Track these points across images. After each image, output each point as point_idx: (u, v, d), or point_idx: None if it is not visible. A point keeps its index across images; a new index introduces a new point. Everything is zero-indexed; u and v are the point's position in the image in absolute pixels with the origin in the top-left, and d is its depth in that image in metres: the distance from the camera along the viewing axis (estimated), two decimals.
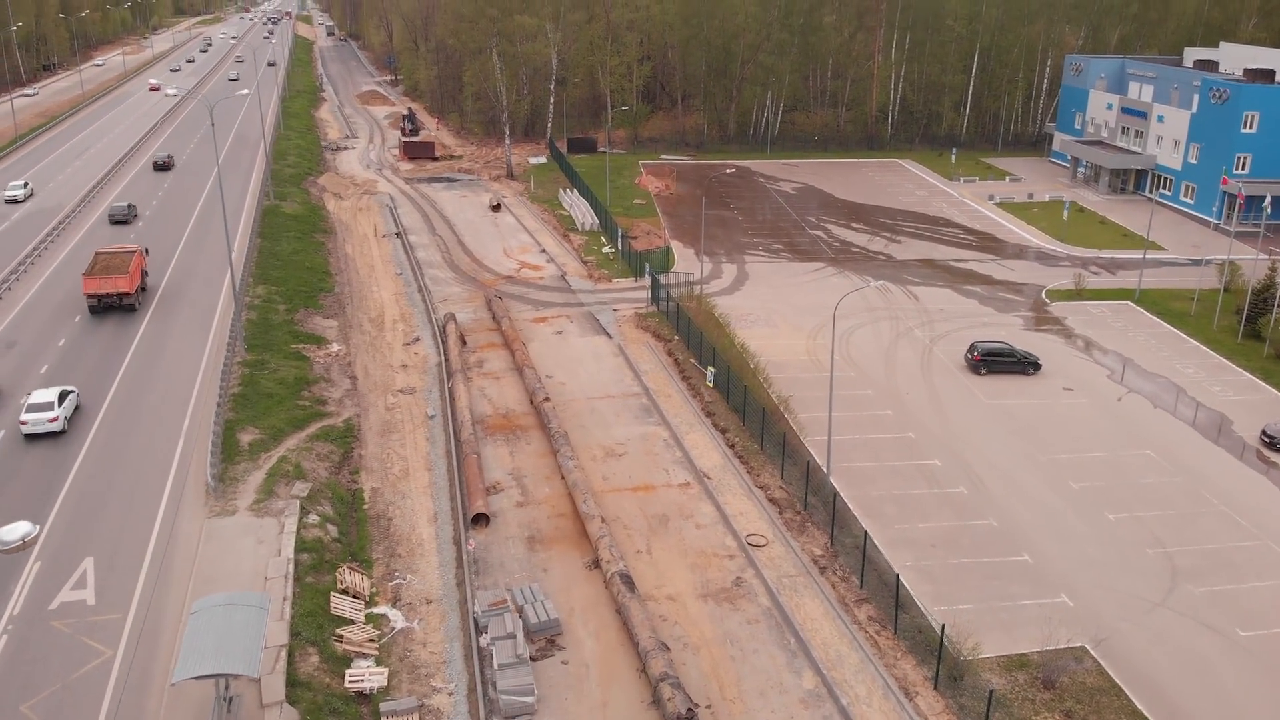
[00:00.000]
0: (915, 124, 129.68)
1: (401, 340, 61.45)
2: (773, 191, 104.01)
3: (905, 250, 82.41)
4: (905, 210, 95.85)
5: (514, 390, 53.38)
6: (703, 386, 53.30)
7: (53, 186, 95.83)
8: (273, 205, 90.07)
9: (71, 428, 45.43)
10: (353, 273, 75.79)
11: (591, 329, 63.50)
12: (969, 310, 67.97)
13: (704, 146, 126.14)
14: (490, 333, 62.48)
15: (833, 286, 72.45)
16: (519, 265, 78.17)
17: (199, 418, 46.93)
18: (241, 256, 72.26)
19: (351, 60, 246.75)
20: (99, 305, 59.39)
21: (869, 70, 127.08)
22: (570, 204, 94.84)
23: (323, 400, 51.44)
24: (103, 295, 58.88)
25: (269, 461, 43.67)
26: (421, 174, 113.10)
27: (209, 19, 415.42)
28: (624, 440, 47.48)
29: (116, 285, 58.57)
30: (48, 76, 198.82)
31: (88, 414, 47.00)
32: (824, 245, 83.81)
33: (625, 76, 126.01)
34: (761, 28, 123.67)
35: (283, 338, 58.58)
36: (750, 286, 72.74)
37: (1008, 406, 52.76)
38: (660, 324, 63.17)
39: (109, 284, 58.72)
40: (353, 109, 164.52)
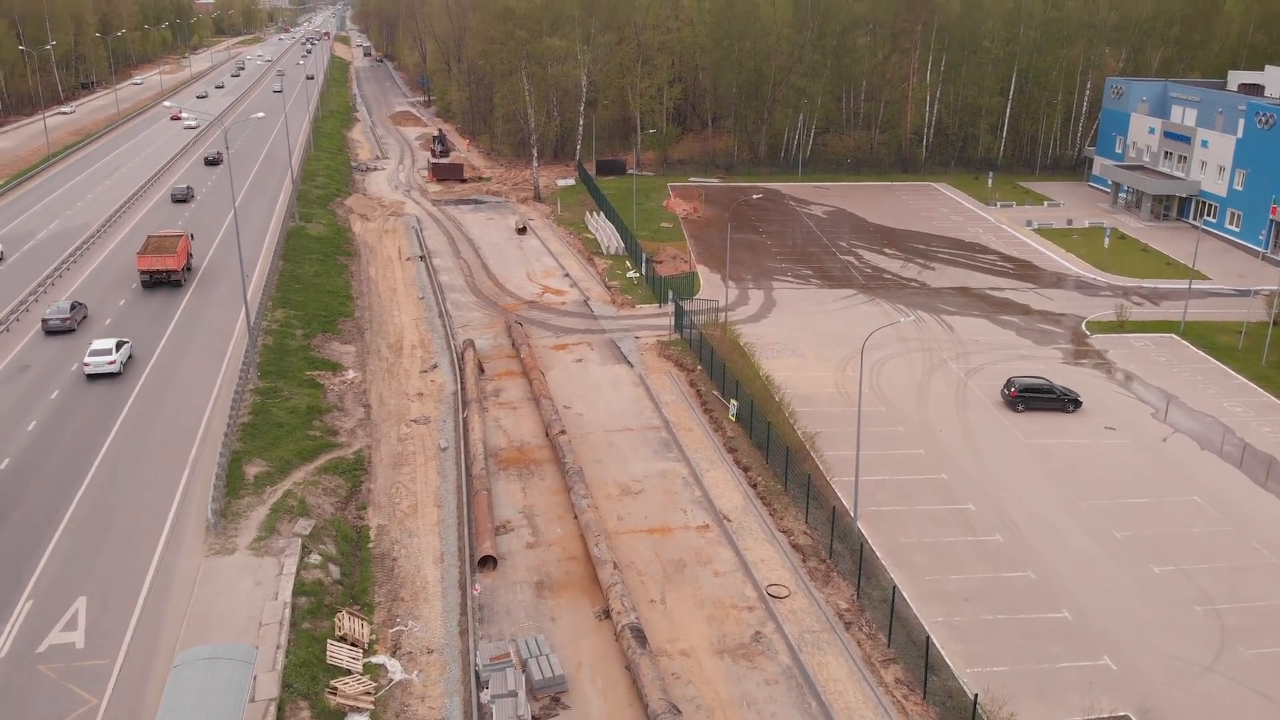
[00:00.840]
0: (950, 147, 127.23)
1: (419, 367, 60.09)
2: (803, 215, 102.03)
3: (939, 277, 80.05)
4: (939, 235, 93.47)
5: (530, 421, 51.72)
6: (725, 420, 51.35)
7: (81, 205, 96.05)
8: (298, 227, 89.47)
9: (126, 372, 54.00)
10: (374, 296, 74.73)
11: (612, 357, 61.79)
12: (1006, 342, 65.49)
13: (734, 169, 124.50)
14: (509, 360, 60.96)
15: (863, 315, 70.29)
16: (541, 290, 76.73)
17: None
18: (261, 281, 71.52)
19: (386, 81, 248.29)
20: (150, 280, 68.64)
21: (903, 92, 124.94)
22: (596, 227, 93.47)
23: (334, 430, 50.08)
24: (154, 271, 68.17)
25: (274, 496, 42.26)
26: (449, 196, 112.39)
27: (249, 39, 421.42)
28: (641, 477, 45.61)
29: (165, 263, 67.15)
30: (86, 94, 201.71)
31: (140, 362, 55.89)
32: (855, 271, 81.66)
33: (655, 98, 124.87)
34: (794, 49, 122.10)
35: (298, 364, 57.41)
36: (778, 314, 70.73)
37: (1046, 446, 50.28)
38: (683, 353, 61.34)
39: (159, 262, 68.09)
40: (385, 129, 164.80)
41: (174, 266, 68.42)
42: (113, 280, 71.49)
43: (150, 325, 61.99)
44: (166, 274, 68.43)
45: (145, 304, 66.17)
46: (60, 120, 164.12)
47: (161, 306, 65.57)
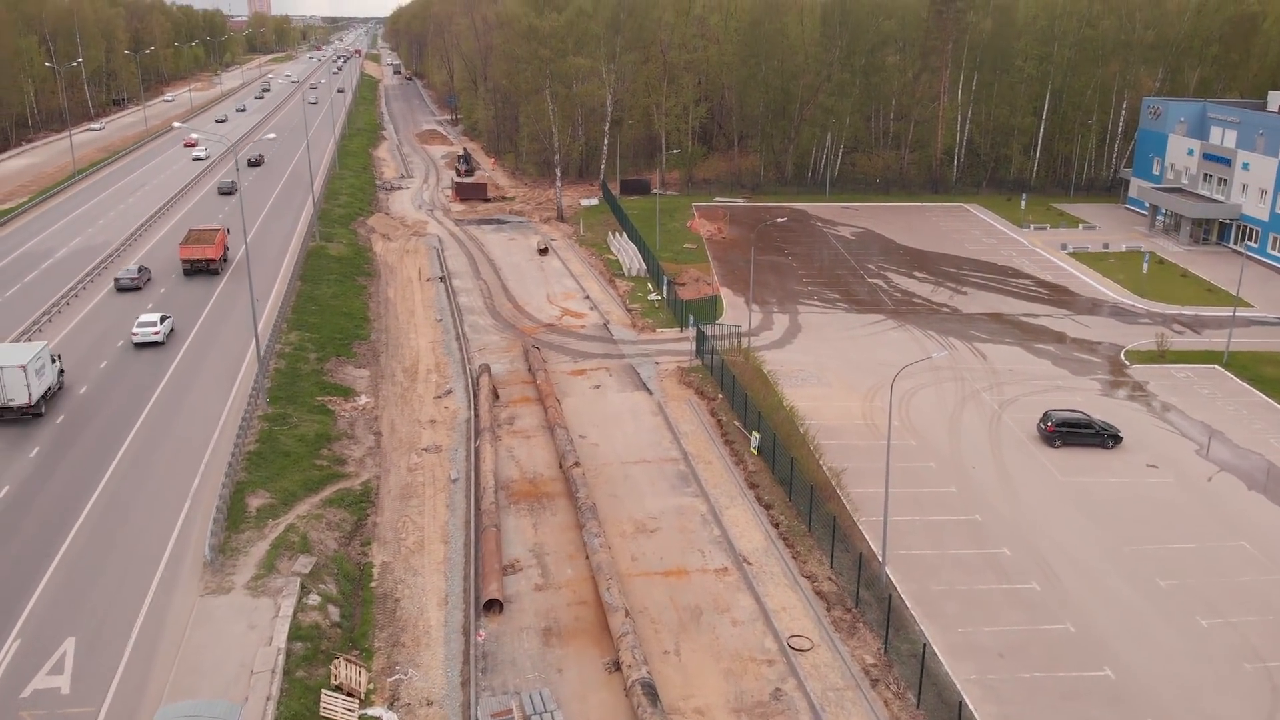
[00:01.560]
0: (982, 167, 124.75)
1: (433, 393, 58.57)
2: (830, 236, 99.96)
3: (971, 303, 77.66)
4: (971, 259, 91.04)
5: (544, 452, 49.96)
6: (747, 453, 49.31)
7: (103, 223, 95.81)
8: (318, 246, 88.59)
9: (169, 343, 61.31)
10: (391, 318, 73.46)
11: (631, 384, 59.98)
12: (1041, 372, 63.02)
13: (760, 188, 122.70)
14: (525, 385, 59.30)
15: (892, 342, 68.06)
16: (561, 312, 75.15)
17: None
18: (278, 302, 70.51)
19: (415, 99, 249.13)
20: (191, 268, 76.45)
21: (934, 111, 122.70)
22: (618, 248, 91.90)
23: (342, 460, 48.56)
24: (194, 260, 76.09)
25: (275, 530, 40.71)
26: (472, 215, 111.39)
27: (281, 56, 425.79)
28: (658, 513, 43.65)
29: (204, 253, 74.04)
30: (117, 111, 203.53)
31: (180, 336, 63.23)
32: (884, 295, 79.44)
33: (681, 117, 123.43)
34: (822, 68, 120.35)
35: (309, 389, 56.04)
36: (803, 340, 68.66)
37: (1085, 486, 47.82)
38: (704, 380, 59.40)
39: (199, 252, 75.99)
40: (411, 148, 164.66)
41: (212, 256, 76.37)
42: (159, 270, 78.32)
43: (191, 305, 69.82)
44: (205, 263, 75.98)
45: (186, 287, 74.30)
46: (90, 137, 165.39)
47: (200, 290, 73.55)
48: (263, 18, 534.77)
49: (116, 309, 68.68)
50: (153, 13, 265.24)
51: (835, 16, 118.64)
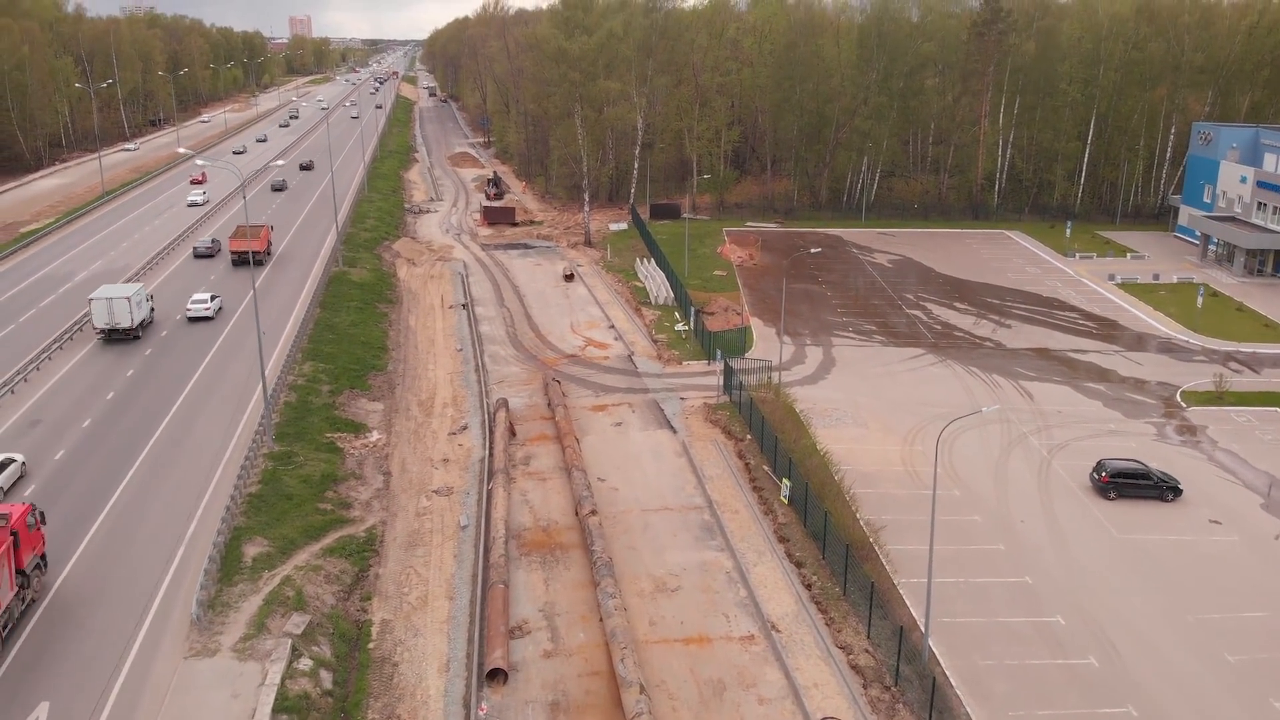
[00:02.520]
0: (1024, 193, 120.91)
1: (448, 428, 55.97)
2: (866, 264, 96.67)
3: (1016, 337, 73.99)
4: (1015, 289, 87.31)
5: (560, 496, 47.10)
6: (776, 501, 46.14)
7: (126, 245, 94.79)
8: (341, 272, 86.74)
9: (218, 318, 70.25)
10: (410, 347, 71.16)
11: (654, 421, 57.03)
12: (1092, 413, 59.28)
13: (793, 213, 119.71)
14: (544, 422, 56.56)
15: (933, 379, 64.62)
16: (584, 343, 72.49)
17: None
18: (295, 331, 68.54)
19: (449, 121, 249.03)
20: (238, 259, 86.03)
21: (974, 135, 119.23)
22: (646, 275, 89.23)
23: (347, 503, 46.02)
24: (241, 252, 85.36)
25: (271, 582, 38.14)
26: (499, 240, 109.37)
27: (318, 78, 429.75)
28: (679, 570, 40.57)
29: (251, 246, 77.73)
30: (152, 131, 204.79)
31: (228, 312, 72.66)
32: (923, 328, 76.00)
33: (713, 141, 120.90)
34: (858, 91, 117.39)
35: (318, 425, 53.68)
36: (837, 375, 65.41)
37: (1143, 544, 44.12)
38: (731, 418, 56.33)
39: (246, 245, 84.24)
40: (442, 171, 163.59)
41: (258, 249, 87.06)
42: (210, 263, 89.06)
43: (237, 289, 78.48)
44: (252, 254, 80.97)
45: (236, 275, 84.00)
46: (123, 157, 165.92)
47: (246, 277, 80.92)
48: (302, 40, 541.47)
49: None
50: (191, 34, 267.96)
51: (872, 39, 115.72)
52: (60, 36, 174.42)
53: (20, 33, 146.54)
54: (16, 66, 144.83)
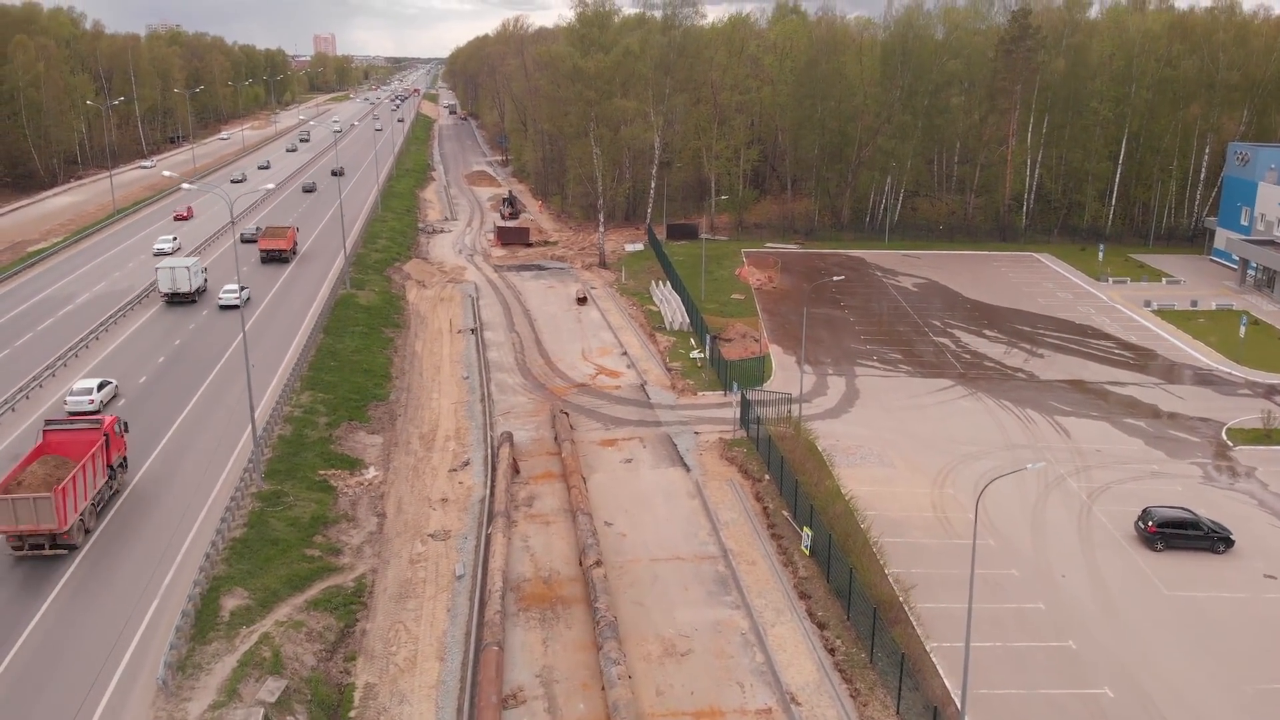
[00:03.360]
0: (1053, 214, 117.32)
1: (449, 465, 53.07)
2: (890, 287, 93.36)
3: (1049, 367, 70.43)
4: (1046, 315, 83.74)
5: (563, 542, 44.03)
6: (797, 551, 42.86)
7: (132, 266, 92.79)
8: (348, 295, 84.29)
9: (247, 307, 75.21)
10: (415, 375, 68.44)
11: (667, 458, 53.89)
12: (1133, 453, 55.67)
13: (814, 234, 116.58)
14: (550, 458, 53.56)
15: (963, 413, 61.18)
16: (595, 371, 69.54)
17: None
18: (295, 357, 66.06)
19: (468, 139, 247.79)
20: (266, 257, 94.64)
21: (1002, 155, 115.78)
22: (661, 298, 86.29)
23: (337, 548, 43.13)
24: (269, 250, 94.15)
25: (248, 640, 35.23)
26: (512, 261, 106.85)
27: (339, 96, 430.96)
28: (690, 630, 37.33)
29: (278, 244, 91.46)
30: (171, 149, 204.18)
31: (256, 302, 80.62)
32: (951, 357, 72.59)
33: (731, 160, 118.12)
34: (882, 109, 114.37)
35: (311, 461, 50.91)
36: (861, 409, 62.09)
37: (1195, 602, 40.55)
38: (749, 456, 53.12)
39: (274, 243, 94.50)
40: (458, 189, 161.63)
41: (284, 247, 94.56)
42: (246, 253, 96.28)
43: (266, 280, 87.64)
44: (279, 252, 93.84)
45: (263, 270, 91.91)
46: (138, 174, 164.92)
47: (272, 272, 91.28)
48: (324, 57, 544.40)
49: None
50: (212, 52, 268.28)
51: (896, 56, 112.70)
52: (77, 53, 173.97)
53: (36, 49, 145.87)
54: (31, 83, 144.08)
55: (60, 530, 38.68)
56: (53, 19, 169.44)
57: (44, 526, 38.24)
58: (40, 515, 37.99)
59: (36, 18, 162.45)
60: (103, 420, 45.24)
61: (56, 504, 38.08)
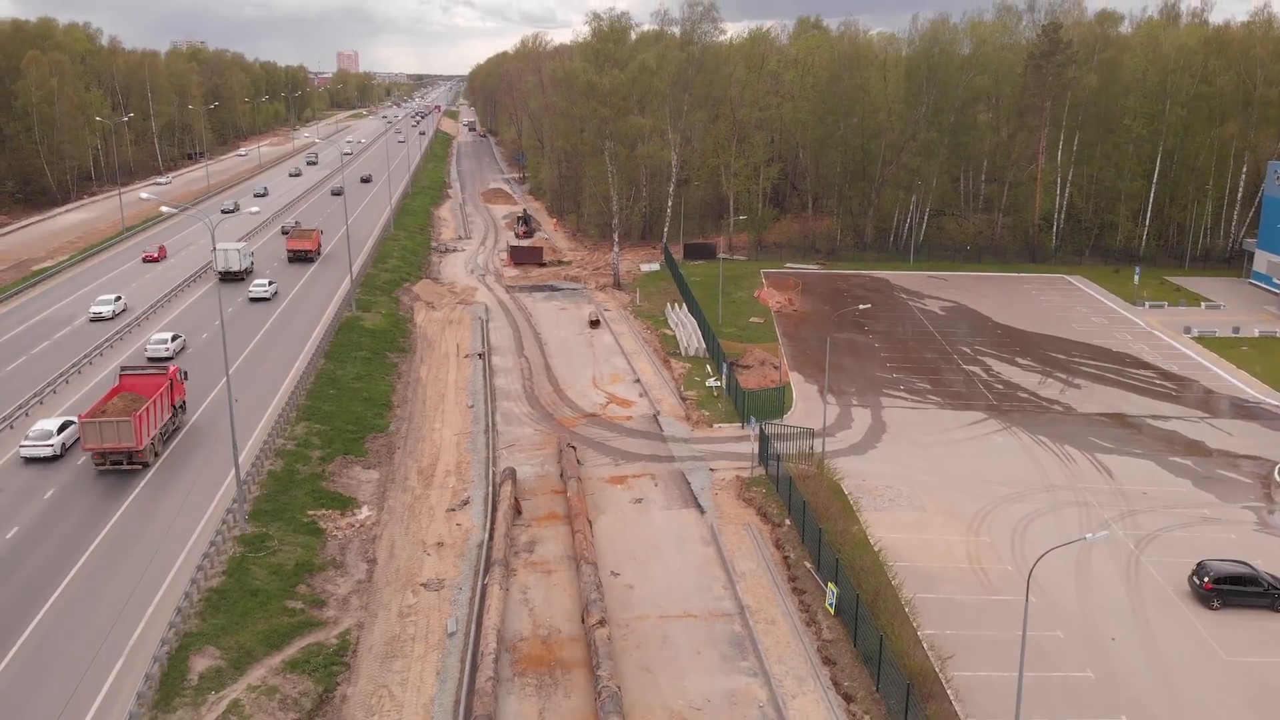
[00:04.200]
0: (1085, 235, 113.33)
1: (447, 503, 49.88)
2: (916, 310, 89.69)
3: (1087, 399, 66.54)
4: (1081, 343, 79.79)
5: (565, 595, 40.66)
6: (821, 609, 39.28)
7: (135, 286, 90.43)
8: (353, 317, 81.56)
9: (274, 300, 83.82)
10: (418, 404, 65.39)
11: (679, 498, 50.47)
12: (1181, 494, 51.76)
13: (836, 254, 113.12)
14: (554, 496, 50.28)
15: (997, 450, 57.43)
16: (606, 399, 66.25)
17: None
18: (293, 384, 63.21)
19: (485, 156, 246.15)
20: (293, 257, 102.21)
21: (1031, 174, 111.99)
22: (677, 322, 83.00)
23: (321, 600, 39.95)
24: (297, 250, 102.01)
25: (216, 708, 32.10)
26: (525, 281, 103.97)
27: (358, 113, 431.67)
28: (702, 701, 33.80)
29: (304, 245, 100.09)
30: (188, 165, 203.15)
31: (282, 295, 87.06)
32: (982, 387, 68.84)
33: (751, 178, 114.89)
34: (906, 126, 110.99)
35: (301, 500, 47.86)
36: (889, 444, 58.43)
37: (1258, 669, 36.68)
38: (768, 497, 49.61)
39: (300, 244, 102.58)
40: (474, 207, 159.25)
41: (310, 248, 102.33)
42: (271, 255, 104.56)
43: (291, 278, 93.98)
44: (305, 252, 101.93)
45: (290, 268, 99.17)
46: (155, 191, 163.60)
47: (299, 270, 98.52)
48: (345, 74, 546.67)
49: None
50: (232, 68, 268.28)
51: (922, 71, 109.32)
52: (93, 69, 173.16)
53: (49, 65, 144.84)
54: (44, 99, 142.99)
55: (137, 449, 48.09)
56: (68, 34, 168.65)
57: (124, 445, 47.66)
58: (121, 435, 47.47)
59: (51, 33, 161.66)
60: (168, 368, 55.86)
61: (135, 427, 47.61)
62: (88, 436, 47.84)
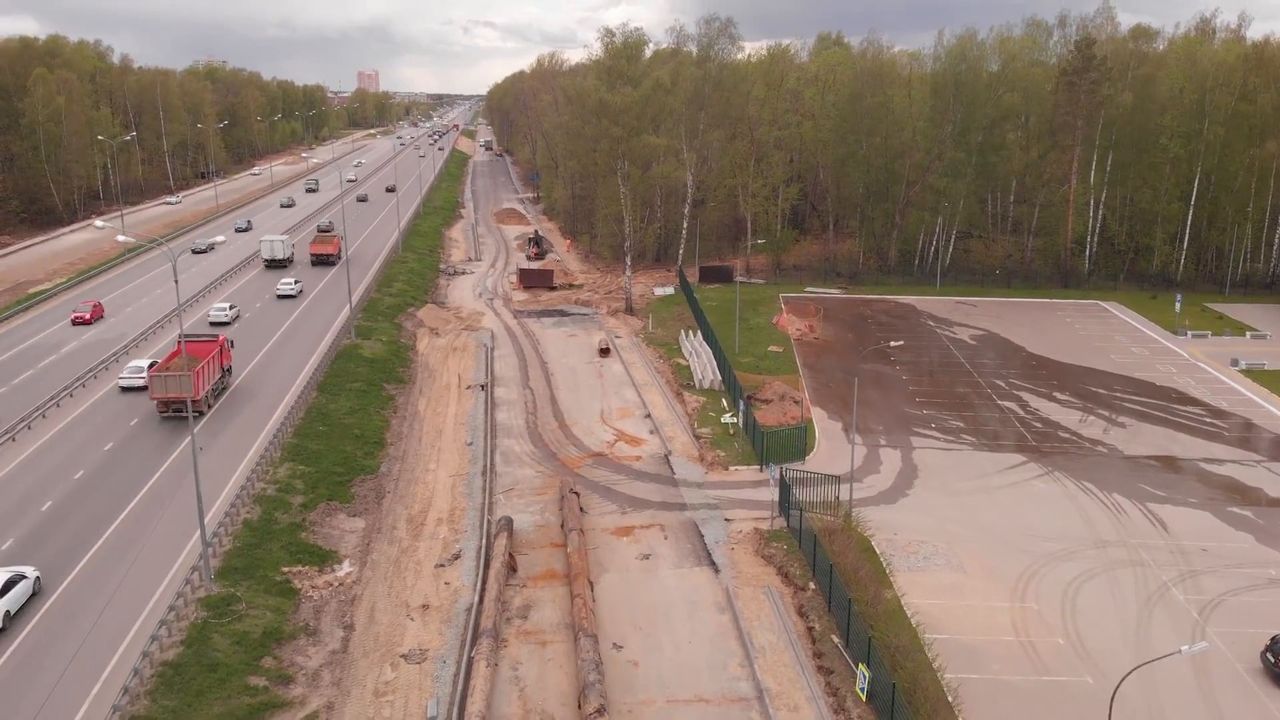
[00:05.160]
0: (1119, 258, 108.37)
1: (436, 558, 45.59)
2: (945, 338, 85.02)
3: (1133, 439, 61.66)
4: (1122, 375, 74.89)
5: (561, 673, 36.22)
6: (850, 694, 34.69)
7: (130, 310, 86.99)
8: (352, 345, 77.70)
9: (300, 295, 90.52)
10: (413, 440, 61.27)
11: (691, 553, 45.99)
12: (1244, 552, 46.87)
13: (858, 278, 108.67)
14: (554, 551, 45.94)
15: (1040, 498, 52.67)
16: (614, 437, 61.93)
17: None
18: (280, 419, 59.27)
19: (501, 175, 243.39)
20: (316, 260, 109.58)
21: (1063, 195, 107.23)
22: (691, 351, 78.67)
23: (288, 675, 35.67)
24: (319, 254, 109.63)
25: None
26: (534, 306, 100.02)
27: (378, 131, 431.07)
28: None
29: (326, 249, 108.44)
30: (201, 184, 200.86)
31: (307, 292, 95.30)
32: (1019, 424, 64.07)
33: (769, 199, 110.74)
34: (932, 145, 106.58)
35: (276, 555, 43.70)
36: (922, 491, 53.76)
37: None
38: (789, 554, 45.07)
39: (323, 249, 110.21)
40: (486, 228, 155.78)
41: (332, 252, 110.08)
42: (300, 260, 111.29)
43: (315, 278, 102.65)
44: (326, 256, 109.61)
45: (313, 271, 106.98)
46: (163, 211, 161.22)
47: (321, 272, 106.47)
48: (364, 93, 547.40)
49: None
50: (248, 87, 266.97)
51: (948, 89, 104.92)
52: (104, 88, 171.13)
53: (56, 83, 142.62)
54: (50, 118, 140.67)
55: (195, 398, 56.44)
56: (77, 52, 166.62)
57: (185, 394, 54.31)
58: (184, 386, 54.86)
59: (61, 51, 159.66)
60: (219, 336, 65.11)
61: (194, 380, 55.68)
62: (154, 388, 56.88)
